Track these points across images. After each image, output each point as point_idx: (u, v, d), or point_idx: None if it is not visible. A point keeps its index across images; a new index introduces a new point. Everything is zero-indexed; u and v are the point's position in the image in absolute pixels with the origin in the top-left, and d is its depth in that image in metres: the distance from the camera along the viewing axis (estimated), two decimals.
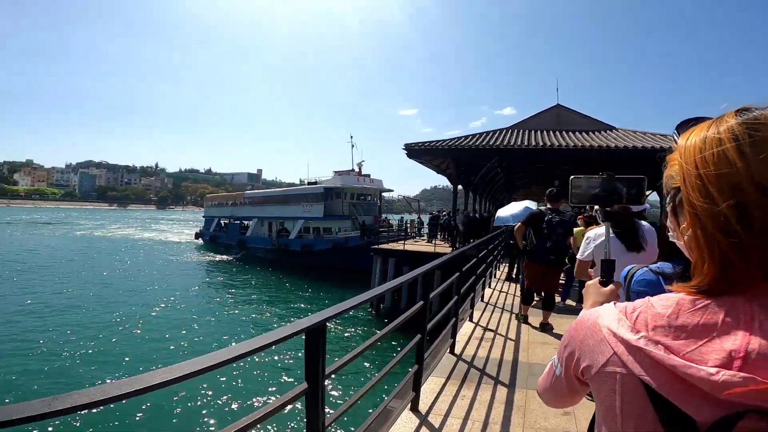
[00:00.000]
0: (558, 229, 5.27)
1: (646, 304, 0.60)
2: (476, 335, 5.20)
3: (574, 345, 0.67)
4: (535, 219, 5.39)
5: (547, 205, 5.56)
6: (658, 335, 0.55)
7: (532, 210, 5.58)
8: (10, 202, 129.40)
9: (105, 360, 10.36)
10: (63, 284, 18.69)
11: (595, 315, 0.64)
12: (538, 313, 5.96)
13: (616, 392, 0.58)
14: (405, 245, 15.85)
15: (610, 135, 16.47)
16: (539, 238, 5.35)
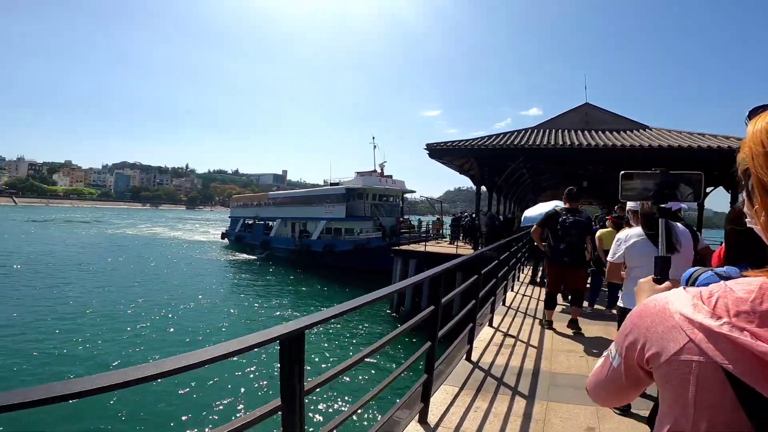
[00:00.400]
0: (572, 230, 5.10)
1: (723, 288, 0.58)
2: (495, 341, 4.93)
3: (638, 332, 0.64)
4: (550, 220, 5.26)
5: (564, 205, 5.36)
6: (741, 321, 0.53)
7: (548, 211, 5.42)
8: (49, 202, 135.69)
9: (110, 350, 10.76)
10: (91, 279, 19.39)
11: (664, 300, 0.62)
12: (563, 318, 5.74)
13: (690, 381, 0.56)
14: (426, 246, 15.59)
15: (642, 134, 15.76)
16: (554, 240, 5.23)
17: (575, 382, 3.81)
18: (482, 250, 5.47)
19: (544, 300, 5.68)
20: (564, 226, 5.10)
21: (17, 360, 9.85)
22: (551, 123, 18.39)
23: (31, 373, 9.32)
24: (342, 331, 13.38)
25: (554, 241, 5.20)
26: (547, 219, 5.26)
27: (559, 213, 5.24)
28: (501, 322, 5.76)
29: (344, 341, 12.56)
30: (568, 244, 5.11)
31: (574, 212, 5.22)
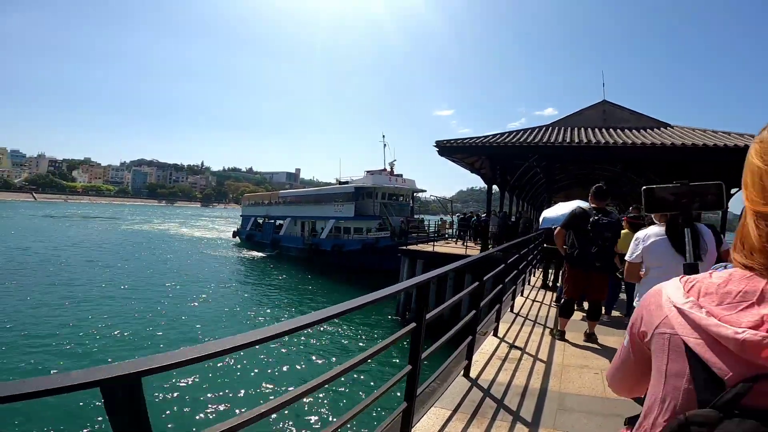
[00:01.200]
0: (605, 231, 4.52)
1: (706, 276, 0.67)
2: (499, 354, 4.45)
3: (640, 311, 0.73)
4: (577, 220, 4.65)
5: (591, 204, 4.77)
6: (705, 302, 0.62)
7: (574, 210, 4.80)
8: (68, 198, 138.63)
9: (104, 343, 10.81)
10: (101, 272, 19.36)
11: (662, 285, 0.71)
12: (578, 328, 5.22)
13: (664, 352, 0.64)
14: (435, 247, 15.10)
15: (664, 132, 14.98)
16: (583, 242, 4.59)
17: (587, 405, 3.32)
18: (485, 253, 4.91)
19: (559, 306, 5.10)
20: (597, 227, 4.53)
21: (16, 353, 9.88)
22: (567, 121, 17.67)
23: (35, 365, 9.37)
24: (343, 333, 12.99)
25: (582, 244, 4.62)
26: (574, 219, 4.68)
27: (588, 212, 4.66)
28: (507, 332, 5.29)
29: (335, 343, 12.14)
30: (601, 248, 4.54)
31: (605, 212, 4.67)
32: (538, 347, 4.66)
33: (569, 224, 4.74)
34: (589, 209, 4.69)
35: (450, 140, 15.37)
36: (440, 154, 15.41)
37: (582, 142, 13.50)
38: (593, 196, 4.73)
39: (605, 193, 4.75)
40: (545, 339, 5.00)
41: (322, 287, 20.50)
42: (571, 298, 4.92)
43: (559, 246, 4.93)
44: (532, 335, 5.15)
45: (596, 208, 4.65)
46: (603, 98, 17.82)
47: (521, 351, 4.51)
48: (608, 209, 4.77)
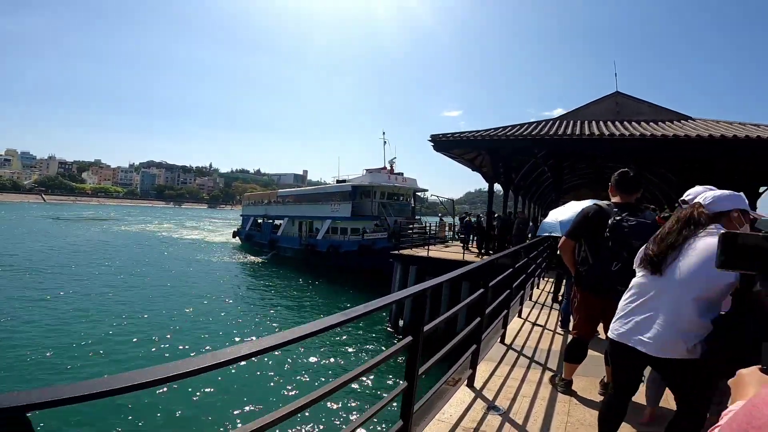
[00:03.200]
0: (633, 238, 2.81)
1: None
2: (478, 408, 3.14)
3: None
4: (590, 223, 3.04)
5: (613, 199, 3.09)
6: None
7: (585, 210, 3.15)
8: (77, 199, 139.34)
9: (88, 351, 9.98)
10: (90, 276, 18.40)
11: None
12: (592, 371, 3.75)
13: None
14: (429, 251, 13.78)
15: (686, 125, 13.53)
16: (599, 255, 3.01)
17: None
18: (481, 262, 3.60)
19: (566, 349, 3.53)
20: (620, 232, 2.89)
21: None
22: (577, 114, 16.28)
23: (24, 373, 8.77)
24: (332, 345, 11.73)
25: (598, 258, 3.03)
26: (586, 222, 3.06)
27: (606, 211, 3.00)
28: (493, 373, 4.01)
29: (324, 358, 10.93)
30: (627, 263, 2.73)
31: (633, 210, 2.97)
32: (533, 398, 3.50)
33: (579, 230, 3.13)
34: (608, 207, 3.05)
35: (446, 134, 14.08)
36: (436, 150, 14.12)
37: (594, 134, 12.12)
38: (616, 185, 3.06)
39: (634, 182, 3.04)
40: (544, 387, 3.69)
41: (317, 291, 19.35)
42: (582, 338, 3.34)
43: (567, 262, 3.34)
44: (527, 379, 4.01)
45: (620, 205, 2.99)
46: (616, 90, 16.42)
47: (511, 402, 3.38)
48: (640, 206, 3.05)
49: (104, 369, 9.29)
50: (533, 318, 6.23)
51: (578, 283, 3.27)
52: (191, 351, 10.81)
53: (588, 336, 3.36)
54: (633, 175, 3.06)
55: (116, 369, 9.28)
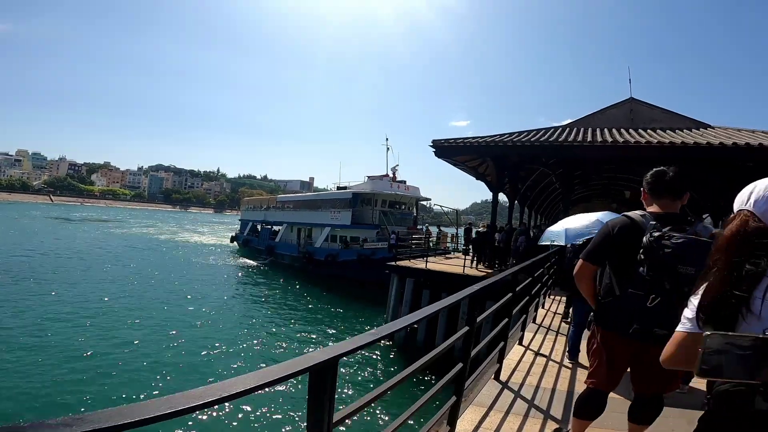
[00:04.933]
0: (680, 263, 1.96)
1: None
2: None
3: None
4: (617, 242, 2.20)
5: (648, 209, 2.23)
6: None
7: (611, 223, 2.30)
8: (85, 201, 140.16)
9: None
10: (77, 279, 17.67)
11: None
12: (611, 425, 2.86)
13: None
14: (427, 263, 12.88)
15: (705, 133, 12.59)
16: (630, 285, 2.12)
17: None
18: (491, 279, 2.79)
19: (576, 402, 2.62)
20: (659, 255, 2.01)
21: None
22: (588, 120, 15.38)
23: None
24: None
25: (628, 288, 2.14)
26: (610, 240, 2.24)
27: (639, 225, 2.15)
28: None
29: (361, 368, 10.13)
30: (671, 296, 2.01)
31: (680, 223, 2.08)
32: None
33: (601, 251, 2.30)
34: (642, 219, 2.17)
35: (449, 139, 13.25)
36: (438, 156, 13.30)
37: (607, 141, 11.23)
38: (651, 189, 2.23)
39: (678, 184, 2.19)
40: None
41: (314, 301, 18.41)
42: (599, 390, 2.45)
43: (584, 293, 2.45)
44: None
45: (660, 216, 2.14)
46: (630, 96, 15.53)
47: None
48: (688, 217, 2.16)
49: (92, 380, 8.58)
50: (536, 345, 5.31)
51: (599, 319, 2.36)
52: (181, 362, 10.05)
53: (608, 387, 2.45)
54: (674, 175, 2.19)
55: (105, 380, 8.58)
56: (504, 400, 3.51)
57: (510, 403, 3.46)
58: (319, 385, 1.22)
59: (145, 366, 9.68)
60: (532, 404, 3.52)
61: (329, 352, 1.21)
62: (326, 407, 1.24)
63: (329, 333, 13.77)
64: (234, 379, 0.98)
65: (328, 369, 1.21)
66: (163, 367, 9.69)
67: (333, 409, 1.27)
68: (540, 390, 3.83)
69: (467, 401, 3.38)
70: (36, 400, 7.72)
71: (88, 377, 8.83)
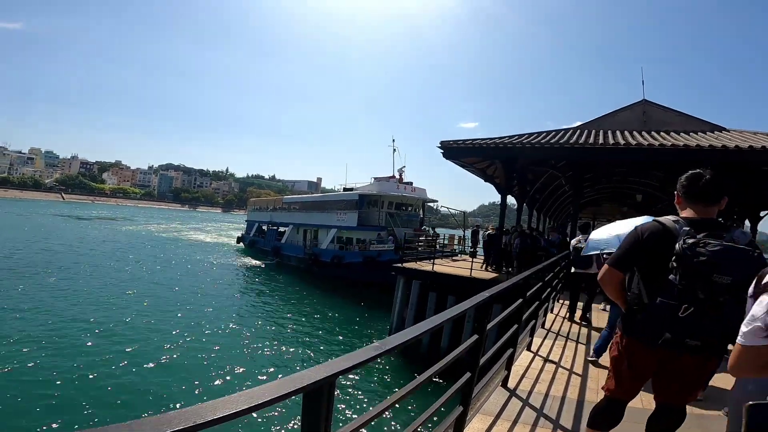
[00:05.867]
0: (716, 272, 1.87)
1: None
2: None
3: None
4: (646, 248, 2.10)
5: (682, 214, 2.15)
6: None
7: (641, 228, 2.18)
8: (95, 199, 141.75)
9: None
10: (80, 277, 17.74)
11: None
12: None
13: None
14: (434, 265, 12.70)
15: (722, 136, 12.29)
16: (660, 293, 2.00)
17: None
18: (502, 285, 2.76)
19: (592, 411, 2.51)
20: (693, 262, 1.90)
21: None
22: (599, 123, 15.11)
23: None
24: None
25: (658, 297, 2.01)
26: (640, 246, 2.13)
27: (671, 231, 2.04)
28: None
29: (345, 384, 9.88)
30: (701, 306, 1.90)
31: (716, 229, 1.99)
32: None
33: (630, 257, 2.18)
34: (675, 225, 2.07)
35: (457, 141, 13.08)
36: (445, 157, 13.13)
37: (619, 144, 10.99)
38: (686, 193, 2.15)
39: (714, 187, 2.09)
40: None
41: (319, 303, 18.30)
42: (617, 400, 2.36)
43: (615, 297, 2.31)
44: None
45: (694, 221, 2.05)
46: (643, 98, 15.23)
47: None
48: (725, 223, 2.10)
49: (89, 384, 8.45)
50: (545, 351, 5.13)
51: (626, 326, 2.22)
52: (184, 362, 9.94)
53: (626, 396, 2.35)
54: (710, 178, 2.09)
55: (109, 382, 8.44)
56: (512, 409, 3.36)
57: (518, 412, 3.31)
58: (313, 406, 1.13)
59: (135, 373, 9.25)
60: (541, 413, 3.36)
61: (324, 371, 1.11)
62: (323, 429, 1.14)
63: (334, 339, 13.61)
64: (214, 401, 0.87)
65: (323, 389, 1.11)
66: (154, 374, 9.34)
67: (330, 430, 1.17)
68: (549, 398, 3.67)
69: (474, 410, 3.24)
70: None
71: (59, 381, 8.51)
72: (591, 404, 2.75)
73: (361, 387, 9.69)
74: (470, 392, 2.49)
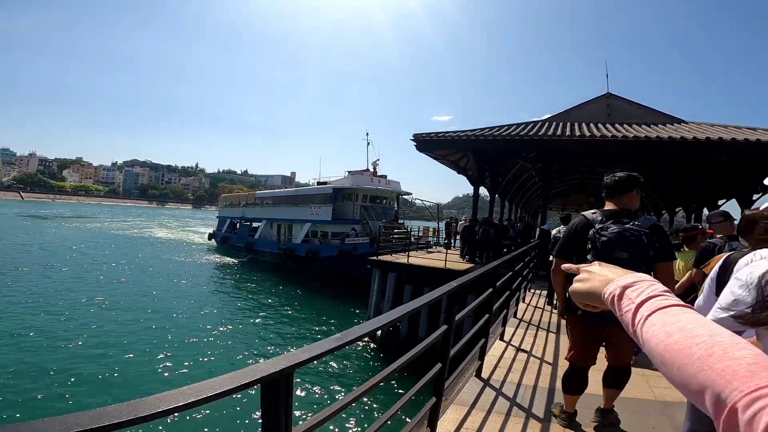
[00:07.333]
0: (615, 250, 2.42)
1: None
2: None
3: None
4: (577, 236, 2.65)
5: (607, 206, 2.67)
6: None
7: (574, 220, 2.82)
8: (56, 198, 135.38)
9: None
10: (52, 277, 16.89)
11: None
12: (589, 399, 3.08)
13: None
14: (409, 257, 12.81)
15: (679, 128, 12.86)
16: None
17: None
18: (469, 276, 3.02)
19: (562, 379, 3.04)
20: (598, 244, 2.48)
21: None
22: (566, 115, 15.54)
23: None
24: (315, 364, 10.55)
25: None
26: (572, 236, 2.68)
27: (589, 221, 2.62)
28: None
29: (321, 375, 9.86)
30: None
31: (621, 217, 2.53)
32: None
33: (567, 247, 2.72)
34: (593, 216, 2.63)
35: (430, 133, 13.19)
36: (419, 150, 13.21)
37: (585, 136, 11.34)
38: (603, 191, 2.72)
39: (622, 184, 2.61)
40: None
41: (295, 297, 18.15)
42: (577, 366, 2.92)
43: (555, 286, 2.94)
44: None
45: (607, 212, 2.60)
46: (607, 91, 15.74)
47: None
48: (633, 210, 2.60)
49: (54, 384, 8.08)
50: (518, 341, 5.27)
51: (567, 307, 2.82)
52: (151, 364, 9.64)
53: (586, 362, 2.88)
54: (620, 177, 2.66)
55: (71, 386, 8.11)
56: (486, 399, 3.44)
57: (492, 402, 3.40)
58: (272, 398, 1.12)
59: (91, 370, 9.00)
60: (514, 402, 3.46)
61: (282, 363, 1.11)
62: (282, 421, 1.13)
63: (309, 333, 13.54)
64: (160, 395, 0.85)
65: (280, 381, 1.11)
66: (112, 371, 9.10)
67: (291, 422, 1.16)
68: (522, 387, 3.78)
69: (448, 400, 3.31)
70: None
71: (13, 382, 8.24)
72: (561, 392, 3.01)
73: (335, 376, 9.77)
74: (442, 383, 2.54)
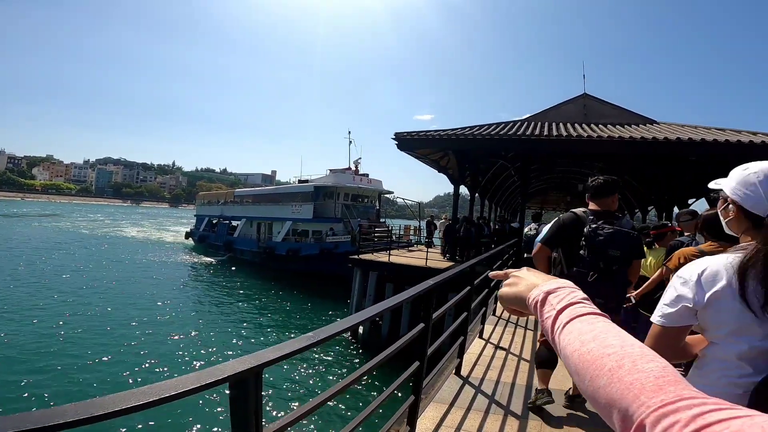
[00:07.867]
0: (609, 248, 2.74)
1: None
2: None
3: None
4: (566, 232, 2.96)
5: (590, 206, 2.99)
6: None
7: (562, 217, 3.08)
8: (25, 196, 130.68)
9: None
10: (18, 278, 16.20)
11: None
12: None
13: None
14: (390, 256, 12.83)
15: (652, 128, 13.23)
16: (575, 264, 2.87)
17: None
18: (446, 274, 3.06)
19: (536, 357, 3.42)
20: (595, 241, 2.77)
21: None
22: (545, 115, 15.80)
23: None
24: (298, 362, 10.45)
25: (572, 267, 2.89)
26: (562, 230, 2.98)
27: (582, 218, 2.92)
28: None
29: (302, 374, 9.77)
30: (603, 274, 2.77)
31: (610, 218, 2.88)
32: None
33: (555, 238, 3.02)
34: (584, 215, 2.94)
35: (411, 132, 13.19)
36: (400, 149, 13.19)
37: (562, 135, 11.54)
38: (590, 192, 2.98)
39: (609, 188, 2.92)
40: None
41: (275, 297, 17.95)
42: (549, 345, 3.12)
43: (542, 269, 3.00)
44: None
45: (596, 212, 2.92)
46: (584, 92, 16.07)
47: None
48: (616, 213, 2.95)
49: None
50: (496, 338, 5.34)
51: None
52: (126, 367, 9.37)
53: None
54: (606, 181, 2.94)
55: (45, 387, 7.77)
56: (465, 396, 3.48)
57: (471, 399, 3.43)
58: (240, 397, 1.11)
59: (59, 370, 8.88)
60: (492, 399, 3.50)
61: (250, 361, 1.10)
62: (252, 421, 1.13)
63: (288, 333, 13.43)
64: (118, 394, 0.85)
65: (248, 380, 1.11)
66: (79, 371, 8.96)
67: (261, 421, 1.16)
68: (500, 384, 3.82)
69: (428, 398, 3.32)
70: None
71: None
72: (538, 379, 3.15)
73: (314, 374, 9.74)
74: (420, 381, 2.55)
